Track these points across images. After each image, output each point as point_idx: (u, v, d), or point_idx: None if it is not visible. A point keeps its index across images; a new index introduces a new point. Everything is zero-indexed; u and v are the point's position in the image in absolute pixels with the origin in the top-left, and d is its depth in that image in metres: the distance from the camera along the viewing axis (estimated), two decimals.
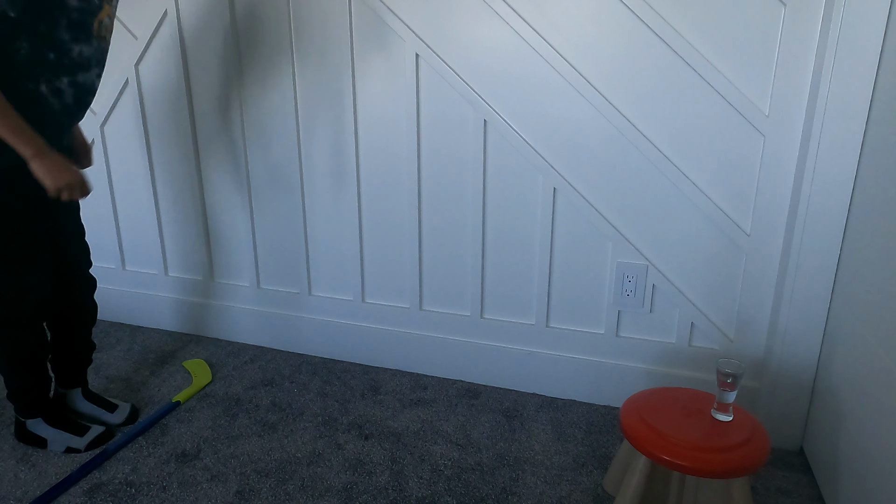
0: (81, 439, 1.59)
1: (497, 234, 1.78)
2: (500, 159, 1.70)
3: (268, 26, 1.82)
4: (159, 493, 1.44)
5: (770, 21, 1.41)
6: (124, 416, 1.70)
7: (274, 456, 1.58)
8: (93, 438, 1.60)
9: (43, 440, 1.59)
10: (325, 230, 1.96)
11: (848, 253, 1.41)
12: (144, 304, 2.28)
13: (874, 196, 1.30)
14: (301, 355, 2.09)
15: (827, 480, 1.43)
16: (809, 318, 1.50)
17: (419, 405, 1.80)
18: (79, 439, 1.59)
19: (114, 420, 1.69)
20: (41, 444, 1.59)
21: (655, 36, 1.48)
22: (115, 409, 1.71)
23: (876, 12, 1.28)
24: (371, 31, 1.72)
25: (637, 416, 1.28)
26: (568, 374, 1.80)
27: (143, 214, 2.17)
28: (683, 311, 1.66)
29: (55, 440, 1.58)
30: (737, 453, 1.18)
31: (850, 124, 1.35)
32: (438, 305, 1.91)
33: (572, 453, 1.58)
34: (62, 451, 1.58)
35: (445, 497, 1.44)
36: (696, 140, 1.54)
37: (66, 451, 1.58)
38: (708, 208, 1.57)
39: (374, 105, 1.78)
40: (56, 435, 1.58)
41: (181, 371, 1.99)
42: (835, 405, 1.42)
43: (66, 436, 1.59)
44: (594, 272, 1.72)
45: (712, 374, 1.29)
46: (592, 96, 1.57)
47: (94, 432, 1.61)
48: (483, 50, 1.63)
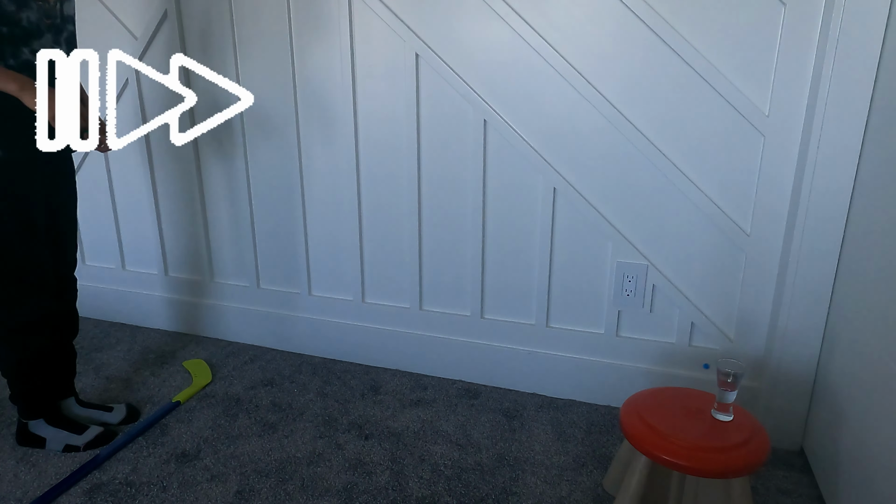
0: (80, 437, 1.59)
1: (497, 234, 1.78)
2: (499, 159, 1.70)
3: (267, 26, 1.82)
4: (159, 493, 1.44)
5: (770, 21, 1.41)
6: (122, 415, 1.71)
7: (274, 456, 1.58)
8: (92, 438, 1.60)
9: (42, 440, 1.59)
10: (324, 230, 1.96)
11: (848, 253, 1.41)
12: (144, 304, 2.28)
13: (874, 196, 1.30)
14: (301, 355, 2.09)
15: (827, 480, 1.43)
16: (809, 318, 1.50)
17: (419, 405, 1.80)
18: (77, 437, 1.59)
19: (112, 419, 1.69)
20: (40, 444, 1.59)
21: (655, 36, 1.48)
22: (111, 409, 1.71)
23: (876, 12, 1.28)
24: (371, 31, 1.72)
25: (637, 416, 1.28)
26: (568, 374, 1.80)
27: (143, 214, 2.17)
28: (683, 311, 1.66)
29: (54, 439, 1.58)
30: (737, 453, 1.18)
31: (850, 124, 1.35)
32: (438, 305, 1.91)
33: (572, 453, 1.58)
34: (60, 449, 1.58)
35: (445, 497, 1.44)
36: (696, 140, 1.54)
37: (64, 449, 1.58)
38: (708, 208, 1.57)
39: (374, 105, 1.78)
40: (55, 433, 1.58)
41: (181, 371, 1.99)
42: (835, 405, 1.42)
43: (65, 434, 1.59)
44: (594, 272, 1.72)
45: (712, 374, 1.28)
46: (592, 96, 1.57)
47: (93, 431, 1.61)
48: (483, 50, 1.63)
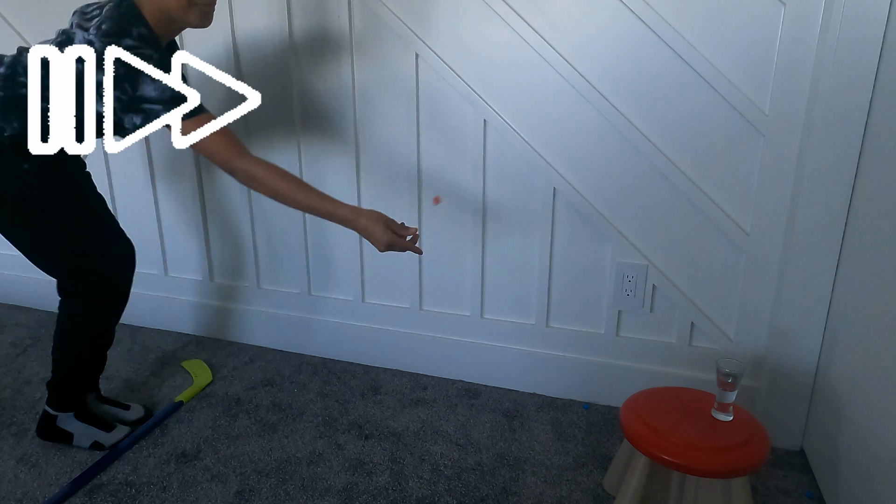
0: (109, 435, 1.59)
1: (497, 233, 1.78)
2: (499, 159, 1.70)
3: (267, 26, 1.82)
4: (159, 493, 1.45)
5: (770, 21, 1.41)
6: (138, 415, 1.71)
7: (274, 456, 1.58)
8: (120, 437, 1.60)
9: (69, 435, 1.58)
10: (324, 230, 1.96)
11: (848, 252, 1.41)
12: (144, 304, 2.28)
13: (874, 196, 1.30)
14: (301, 355, 2.09)
15: (827, 480, 1.43)
16: (809, 318, 1.50)
17: (419, 405, 1.80)
18: (107, 435, 1.59)
19: (130, 417, 1.69)
20: (66, 440, 1.58)
21: (655, 36, 1.48)
22: (128, 407, 1.72)
23: (876, 12, 1.28)
24: (371, 31, 1.72)
25: (637, 416, 1.28)
26: (568, 374, 1.80)
27: (143, 215, 2.17)
28: (683, 311, 1.66)
29: (82, 435, 1.58)
30: (737, 453, 1.18)
31: (850, 124, 1.35)
32: (438, 305, 1.91)
33: (572, 453, 1.58)
34: (87, 446, 1.57)
35: (445, 497, 1.44)
36: (696, 140, 1.53)
37: (91, 446, 1.57)
38: (708, 208, 1.56)
39: (374, 105, 1.78)
40: (84, 429, 1.58)
41: (181, 371, 1.99)
42: (835, 405, 1.42)
43: (94, 430, 1.58)
44: (594, 272, 1.72)
45: (712, 374, 1.29)
46: (592, 96, 1.57)
47: (120, 431, 1.61)
48: (483, 50, 1.63)
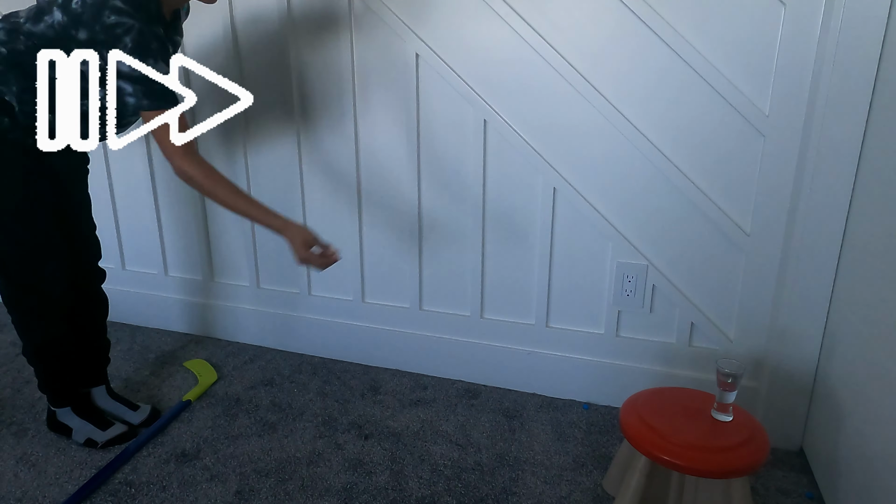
0: (103, 433, 1.60)
1: (497, 233, 1.78)
2: (499, 159, 1.70)
3: (268, 27, 1.82)
4: (159, 493, 1.45)
5: (770, 21, 1.41)
6: (145, 415, 1.71)
7: (274, 456, 1.58)
8: (114, 436, 1.61)
9: (69, 429, 1.61)
10: (324, 230, 1.96)
11: (848, 253, 1.41)
12: (144, 304, 2.28)
13: (874, 196, 1.30)
14: (301, 355, 2.09)
15: (827, 481, 1.43)
16: (809, 318, 1.50)
17: (419, 405, 1.80)
18: (100, 433, 1.60)
19: (135, 419, 1.70)
20: (67, 434, 1.62)
21: (655, 36, 1.48)
22: (137, 408, 1.72)
23: (876, 12, 1.28)
24: (371, 31, 1.72)
25: (637, 416, 1.28)
26: (568, 374, 1.80)
27: (143, 214, 2.17)
28: (683, 311, 1.66)
29: (79, 430, 1.60)
30: (737, 453, 1.18)
31: (850, 124, 1.35)
32: (438, 305, 1.91)
33: (572, 453, 1.58)
34: (82, 442, 1.59)
35: (445, 497, 1.44)
36: (695, 140, 1.53)
37: (84, 442, 1.59)
38: (708, 208, 1.56)
39: (374, 105, 1.78)
40: (81, 425, 1.61)
41: (181, 371, 1.99)
42: (835, 405, 1.42)
43: (90, 427, 1.61)
44: (594, 272, 1.72)
45: (712, 374, 1.28)
46: (592, 96, 1.57)
47: (115, 429, 1.62)
48: (483, 50, 1.63)
